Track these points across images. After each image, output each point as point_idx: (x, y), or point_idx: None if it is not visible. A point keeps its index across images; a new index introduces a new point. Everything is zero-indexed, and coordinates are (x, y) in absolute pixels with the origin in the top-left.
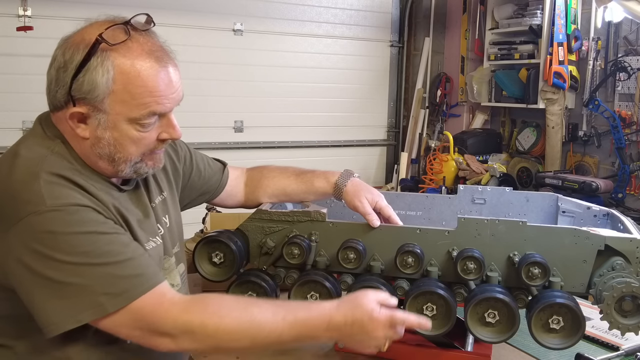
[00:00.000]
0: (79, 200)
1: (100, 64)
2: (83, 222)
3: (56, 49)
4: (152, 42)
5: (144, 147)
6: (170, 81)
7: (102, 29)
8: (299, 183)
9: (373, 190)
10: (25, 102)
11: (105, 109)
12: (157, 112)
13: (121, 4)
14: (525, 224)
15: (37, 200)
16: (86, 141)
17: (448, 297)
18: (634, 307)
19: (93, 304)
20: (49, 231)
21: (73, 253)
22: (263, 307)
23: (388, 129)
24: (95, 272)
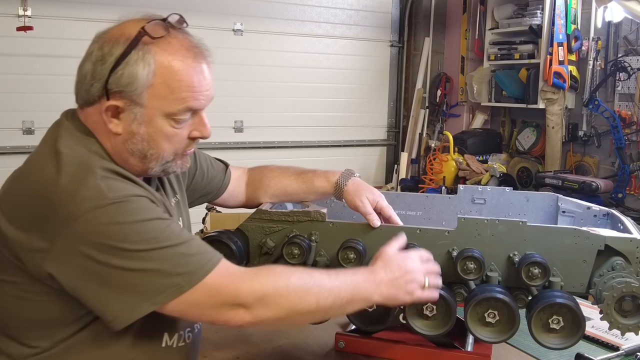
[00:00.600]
0: (136, 191)
1: (141, 58)
2: (145, 211)
3: (91, 44)
4: (189, 40)
5: (176, 144)
6: (205, 78)
7: (142, 24)
8: (299, 183)
9: (374, 190)
10: (25, 102)
11: (142, 103)
12: (193, 108)
13: (121, 4)
14: (525, 224)
15: (98, 195)
16: (118, 137)
17: (448, 297)
18: (634, 307)
19: (169, 285)
20: (116, 222)
21: (141, 241)
22: (318, 271)
23: (388, 129)
24: (166, 254)
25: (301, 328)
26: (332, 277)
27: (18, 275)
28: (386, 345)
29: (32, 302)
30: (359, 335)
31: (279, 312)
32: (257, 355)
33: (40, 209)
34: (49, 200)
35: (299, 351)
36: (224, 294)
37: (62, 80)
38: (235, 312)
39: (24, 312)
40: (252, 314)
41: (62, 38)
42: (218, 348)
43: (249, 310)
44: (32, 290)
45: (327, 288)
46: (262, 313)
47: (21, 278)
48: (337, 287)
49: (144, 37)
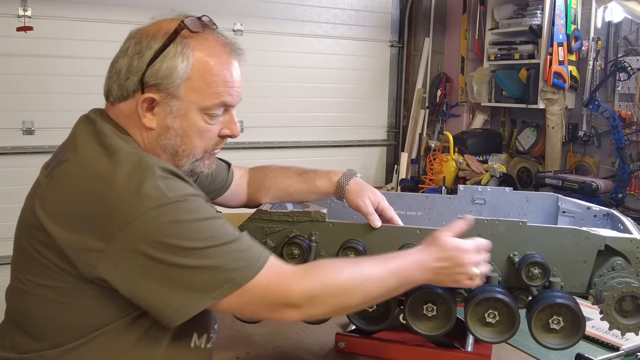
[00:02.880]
0: (193, 191)
1: (180, 51)
2: (201, 210)
3: (126, 41)
4: (224, 37)
5: (207, 140)
6: (238, 75)
7: (178, 20)
8: (301, 183)
9: (375, 191)
10: (25, 102)
11: (179, 95)
12: (227, 103)
13: (121, 4)
14: (525, 224)
15: (159, 194)
16: (151, 132)
17: (448, 297)
18: (634, 307)
19: (226, 280)
20: (176, 221)
21: (200, 239)
22: (367, 262)
23: (388, 129)
24: (222, 251)
25: (301, 328)
26: (380, 267)
27: (63, 280)
28: (386, 345)
29: (74, 307)
30: (359, 335)
31: (328, 309)
32: (257, 355)
33: (96, 209)
34: (106, 199)
35: (299, 351)
36: (275, 294)
37: (62, 80)
38: (286, 311)
39: (62, 316)
40: (302, 312)
41: (62, 38)
42: (218, 348)
43: (299, 309)
44: (76, 295)
45: (376, 280)
46: (311, 311)
47: (66, 283)
48: (385, 278)
49: (183, 31)
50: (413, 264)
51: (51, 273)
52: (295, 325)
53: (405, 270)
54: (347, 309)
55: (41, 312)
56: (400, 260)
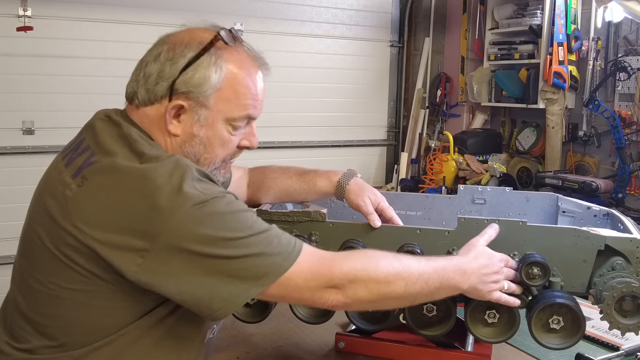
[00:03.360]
0: (224, 190)
1: (213, 62)
2: (237, 203)
3: (158, 45)
4: (253, 50)
5: (228, 150)
6: (264, 88)
7: (213, 31)
8: (301, 183)
9: (376, 192)
10: (25, 102)
11: (209, 105)
12: (252, 116)
13: (121, 4)
14: (525, 224)
15: (199, 193)
16: (176, 139)
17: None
18: (634, 307)
19: (271, 265)
20: (217, 213)
21: (241, 229)
22: (407, 257)
23: (388, 129)
24: (263, 239)
25: (301, 328)
26: (421, 263)
27: (93, 283)
28: (386, 345)
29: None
30: (359, 335)
31: (370, 295)
32: (257, 355)
33: (138, 208)
34: (148, 197)
35: (299, 351)
36: (319, 275)
37: (62, 80)
38: (329, 293)
39: (90, 318)
40: (345, 294)
41: (62, 38)
42: (218, 348)
43: (342, 291)
44: (105, 297)
45: (416, 274)
46: (354, 294)
47: (95, 286)
48: (426, 274)
49: (218, 42)
50: (454, 267)
51: (80, 277)
52: (295, 325)
53: (446, 271)
54: (389, 299)
55: (67, 314)
56: (441, 261)
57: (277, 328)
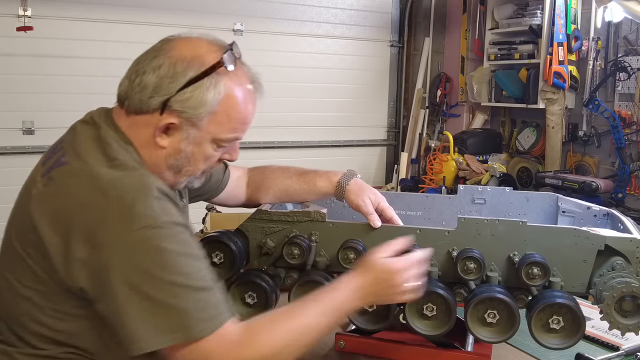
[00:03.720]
0: (180, 219)
1: (213, 85)
2: (187, 243)
3: (157, 57)
4: (250, 72)
5: (209, 164)
6: (255, 111)
7: (217, 52)
8: (301, 183)
9: (376, 192)
10: (25, 102)
11: (200, 126)
12: (239, 138)
13: (121, 4)
14: (525, 224)
15: (151, 214)
16: (161, 151)
17: (448, 297)
18: (634, 307)
19: (183, 326)
20: (158, 247)
21: (177, 273)
22: (304, 314)
23: (388, 129)
24: (192, 295)
25: None
26: (316, 315)
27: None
28: (386, 345)
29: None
30: (359, 335)
31: None
32: None
33: (88, 218)
34: (100, 209)
35: None
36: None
37: (62, 80)
38: None
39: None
40: None
41: (62, 38)
42: None
43: None
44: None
45: (313, 332)
46: None
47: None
48: (321, 325)
49: (220, 68)
50: (348, 296)
51: (35, 277)
52: None
53: (342, 305)
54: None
55: (26, 314)
56: (335, 295)
57: None
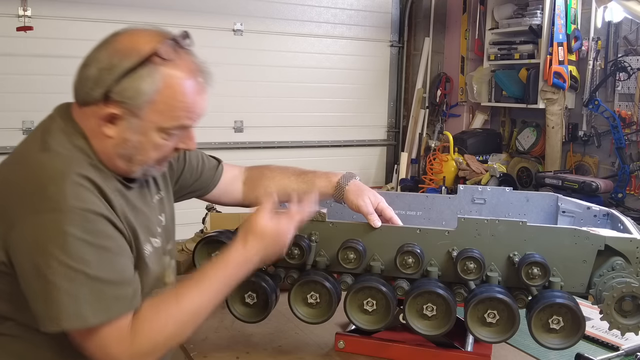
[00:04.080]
0: (97, 208)
1: (148, 75)
2: (95, 233)
3: (99, 49)
4: (195, 61)
5: (162, 153)
6: (202, 99)
7: (154, 42)
8: (299, 183)
9: (375, 192)
10: (25, 102)
11: (140, 115)
12: (185, 126)
13: (121, 4)
14: (525, 224)
15: (60, 199)
16: (109, 140)
17: (448, 297)
18: (634, 307)
19: (75, 313)
20: (62, 231)
21: (76, 258)
22: (191, 295)
23: (388, 129)
24: (88, 283)
25: (301, 328)
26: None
27: None
28: (386, 345)
29: None
30: (359, 335)
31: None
32: (257, 355)
33: (9, 197)
34: (18, 189)
35: (299, 351)
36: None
37: (62, 80)
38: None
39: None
40: None
41: (61, 38)
42: (218, 348)
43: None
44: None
45: (204, 308)
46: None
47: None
48: (212, 299)
49: (154, 57)
50: (235, 268)
51: None
52: (295, 325)
53: (230, 277)
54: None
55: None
56: (221, 272)
57: (277, 328)
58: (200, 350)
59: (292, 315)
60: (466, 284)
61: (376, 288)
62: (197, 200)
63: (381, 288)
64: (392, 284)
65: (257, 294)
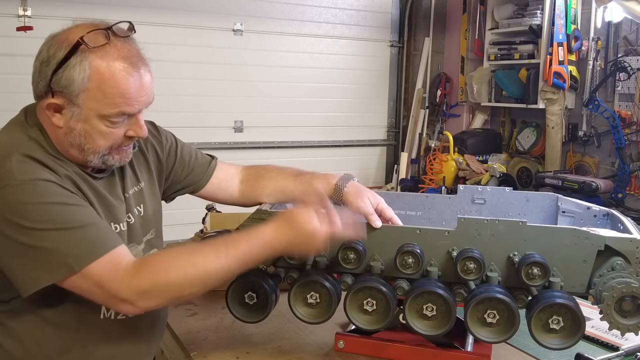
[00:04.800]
0: (45, 176)
1: (78, 63)
2: (49, 194)
3: (43, 44)
4: (129, 48)
5: (111, 141)
6: (141, 85)
7: (85, 32)
8: (297, 184)
9: (374, 193)
10: (25, 102)
11: (78, 104)
12: (126, 113)
13: (121, 4)
14: (525, 224)
15: (8, 176)
16: (60, 130)
17: (448, 297)
18: (634, 307)
19: (61, 264)
20: (20, 202)
21: (41, 221)
22: (205, 253)
23: (388, 129)
24: (61, 236)
25: (301, 328)
26: (221, 257)
27: None
28: (386, 345)
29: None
30: (359, 335)
31: (163, 302)
32: (257, 355)
33: None
34: None
35: (299, 351)
36: (107, 288)
37: None
38: (121, 304)
39: None
40: (135, 306)
41: None
42: (218, 348)
43: (133, 304)
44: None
45: (214, 272)
46: (146, 305)
47: None
48: (225, 267)
49: (82, 46)
50: (259, 247)
51: None
52: (295, 325)
53: (250, 254)
54: (185, 298)
55: None
56: (245, 244)
57: (277, 328)
58: (200, 350)
59: (292, 315)
60: (466, 284)
61: (376, 288)
62: (197, 200)
63: (381, 288)
64: (392, 284)
65: (257, 294)
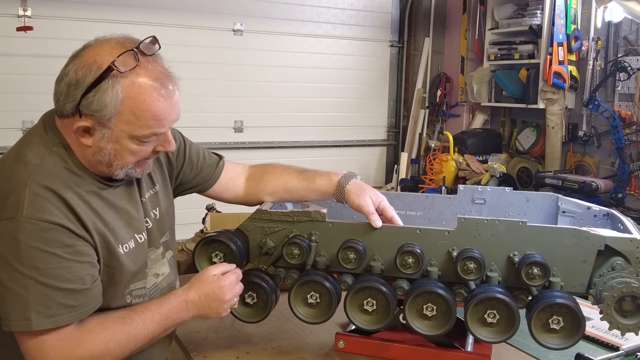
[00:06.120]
0: (54, 218)
1: (110, 87)
2: (47, 240)
3: (67, 64)
4: (158, 68)
5: (140, 156)
6: (171, 105)
7: (114, 54)
8: (300, 180)
9: (376, 191)
10: (25, 102)
11: (110, 126)
12: (157, 133)
13: (121, 4)
14: (525, 224)
15: (16, 208)
16: (88, 149)
17: (448, 297)
18: (634, 307)
19: (23, 316)
20: (15, 238)
21: (27, 265)
22: (135, 321)
23: (388, 129)
24: (39, 289)
25: (301, 328)
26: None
27: None
28: (386, 345)
29: None
30: (359, 335)
31: None
32: (257, 355)
33: None
34: None
35: (299, 351)
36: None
37: None
38: None
39: None
40: None
41: (61, 38)
42: (218, 348)
43: None
44: None
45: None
46: None
47: None
48: (151, 331)
49: (114, 71)
50: (178, 306)
51: None
52: (295, 325)
53: (171, 316)
54: None
55: None
56: (166, 306)
57: (277, 328)
58: (200, 350)
59: (292, 315)
60: (466, 284)
61: (376, 288)
62: (197, 200)
63: (381, 288)
64: (392, 284)
65: (257, 294)
